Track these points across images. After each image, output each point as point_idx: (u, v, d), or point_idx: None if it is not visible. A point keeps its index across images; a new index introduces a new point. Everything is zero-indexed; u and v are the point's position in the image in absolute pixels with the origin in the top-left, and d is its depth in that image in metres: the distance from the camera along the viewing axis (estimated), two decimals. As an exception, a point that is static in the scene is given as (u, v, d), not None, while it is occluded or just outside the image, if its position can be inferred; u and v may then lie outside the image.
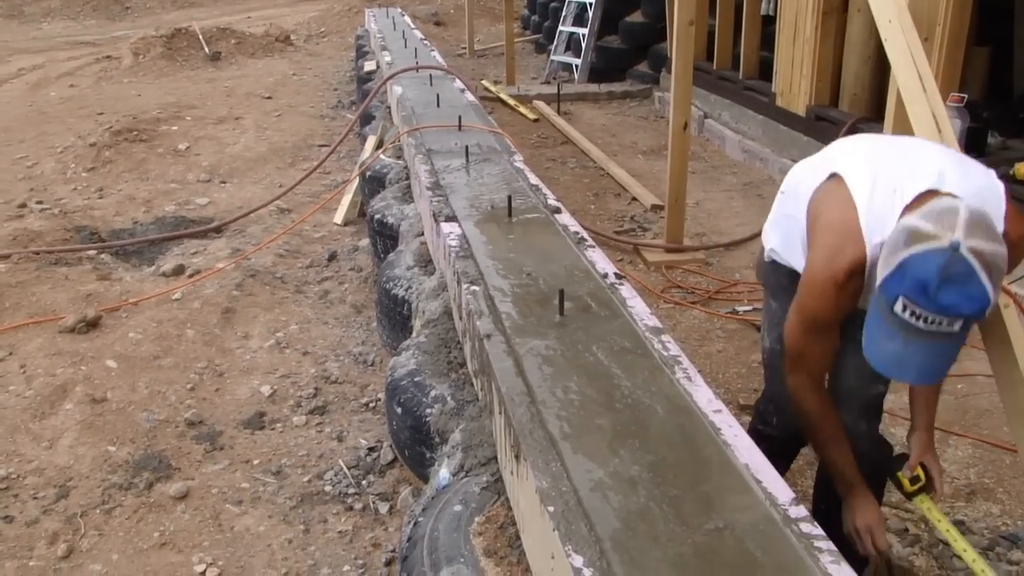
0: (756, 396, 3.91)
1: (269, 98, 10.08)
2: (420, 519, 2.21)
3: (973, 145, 5.22)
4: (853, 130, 5.44)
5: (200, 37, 12.63)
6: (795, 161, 7.48)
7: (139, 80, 11.31)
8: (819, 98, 6.81)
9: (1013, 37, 6.35)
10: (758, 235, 6.03)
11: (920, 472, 2.27)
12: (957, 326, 1.68)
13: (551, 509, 1.71)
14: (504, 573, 1.97)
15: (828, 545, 1.63)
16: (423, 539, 2.11)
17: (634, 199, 6.65)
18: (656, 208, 6.29)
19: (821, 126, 6.56)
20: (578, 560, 1.58)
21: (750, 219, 6.08)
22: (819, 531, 1.67)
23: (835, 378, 2.34)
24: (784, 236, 2.34)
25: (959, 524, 3.13)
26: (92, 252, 5.33)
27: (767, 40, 7.74)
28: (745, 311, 4.74)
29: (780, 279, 2.41)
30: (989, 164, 2.09)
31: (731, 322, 4.62)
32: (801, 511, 1.73)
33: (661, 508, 1.73)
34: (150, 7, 20.09)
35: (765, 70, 7.82)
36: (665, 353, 2.34)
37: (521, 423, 2.02)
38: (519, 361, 2.31)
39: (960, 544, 2.26)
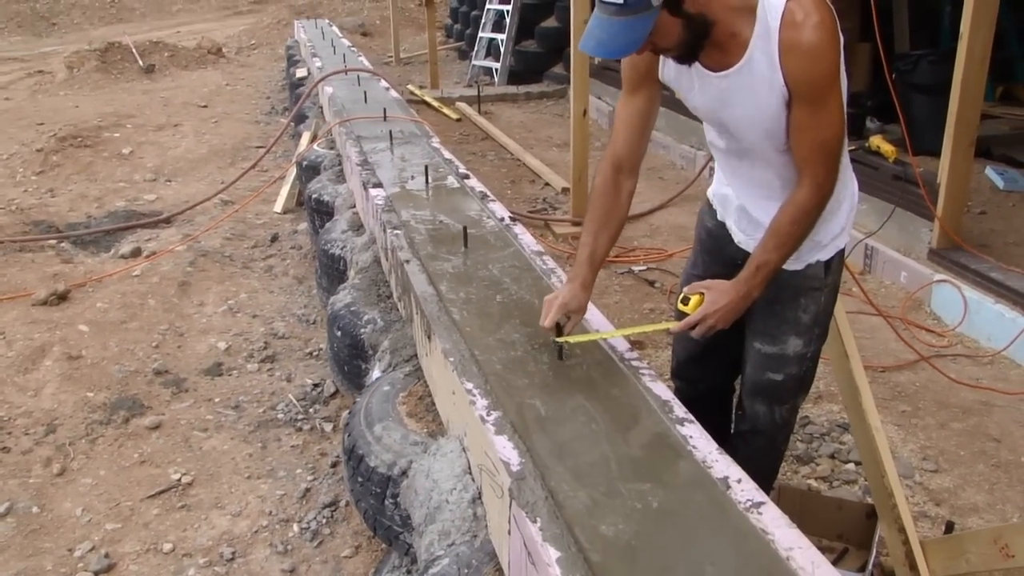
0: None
1: (205, 107, 10.57)
2: (358, 400, 2.85)
3: (852, 129, 6.01)
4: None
5: (134, 51, 13.04)
6: (694, 148, 8.23)
7: (75, 93, 11.67)
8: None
9: (893, 35, 7.21)
10: (654, 210, 6.74)
11: (696, 297, 2.26)
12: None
13: (451, 360, 2.37)
14: (422, 427, 2.62)
15: (649, 371, 2.31)
16: (360, 411, 2.73)
17: (547, 184, 7.35)
18: (566, 191, 6.97)
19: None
20: (470, 385, 2.23)
21: (650, 197, 6.81)
22: (645, 364, 2.35)
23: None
24: None
25: (805, 420, 3.88)
26: (53, 241, 5.83)
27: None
28: (640, 270, 5.46)
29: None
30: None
31: (628, 279, 5.34)
32: (634, 354, 2.41)
33: (531, 356, 2.40)
34: (77, 23, 20.30)
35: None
36: (544, 267, 3.02)
37: (432, 314, 2.67)
38: (431, 277, 2.96)
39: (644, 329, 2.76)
